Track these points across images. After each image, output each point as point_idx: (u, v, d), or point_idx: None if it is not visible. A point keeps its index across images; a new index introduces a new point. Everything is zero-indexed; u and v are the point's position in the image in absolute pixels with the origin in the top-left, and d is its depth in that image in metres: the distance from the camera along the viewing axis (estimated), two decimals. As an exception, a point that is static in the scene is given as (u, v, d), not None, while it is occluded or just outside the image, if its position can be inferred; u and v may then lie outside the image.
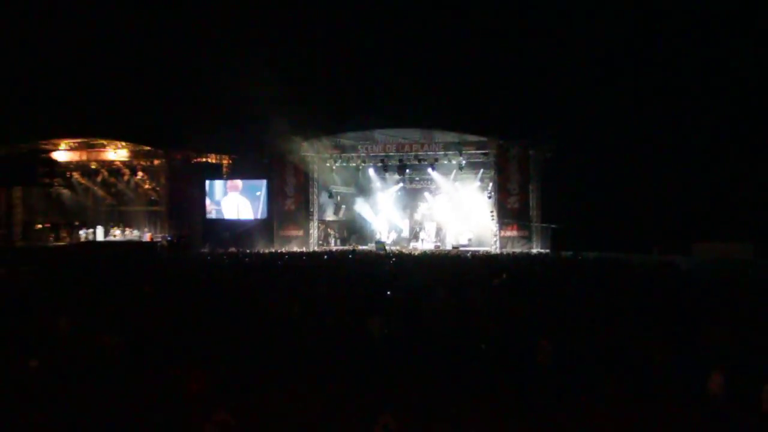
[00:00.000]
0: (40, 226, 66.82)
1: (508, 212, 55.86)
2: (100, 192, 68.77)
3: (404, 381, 15.99)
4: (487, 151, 56.79)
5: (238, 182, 63.47)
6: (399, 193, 63.36)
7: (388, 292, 27.46)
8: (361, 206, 65.06)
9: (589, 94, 62.39)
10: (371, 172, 62.17)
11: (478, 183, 60.27)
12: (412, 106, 58.95)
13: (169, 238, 60.28)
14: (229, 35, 73.07)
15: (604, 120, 59.56)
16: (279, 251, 55.46)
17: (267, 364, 17.78)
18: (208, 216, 63.41)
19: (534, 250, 54.56)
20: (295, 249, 57.22)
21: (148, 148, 63.65)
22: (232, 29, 76.26)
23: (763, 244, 50.65)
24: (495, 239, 56.50)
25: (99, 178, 67.58)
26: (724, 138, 59.46)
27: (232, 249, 55.83)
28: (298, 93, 63.46)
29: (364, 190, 64.06)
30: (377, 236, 61.33)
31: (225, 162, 64.66)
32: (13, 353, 16.82)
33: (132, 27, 79.11)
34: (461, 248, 56.46)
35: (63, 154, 64.37)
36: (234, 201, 63.61)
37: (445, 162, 58.36)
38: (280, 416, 14.30)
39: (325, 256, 49.24)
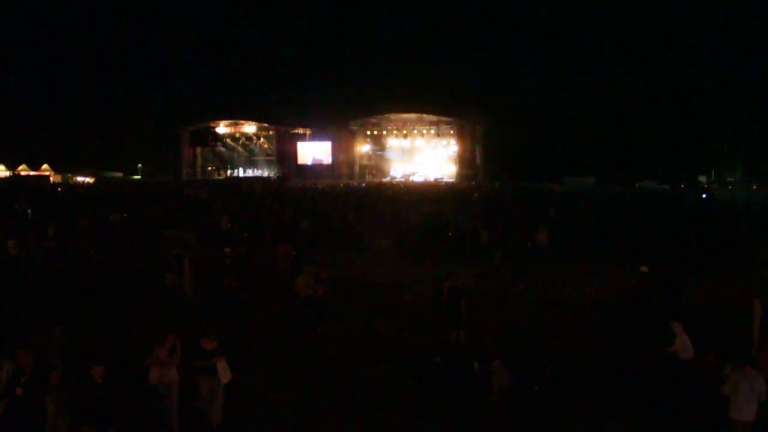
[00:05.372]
0: (210, 168, 77.60)
1: (464, 160, 67.21)
2: (241, 149, 78.46)
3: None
4: (453, 127, 67.91)
5: (315, 143, 73.34)
6: (403, 149, 72.10)
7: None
8: (384, 157, 73.69)
9: (504, 97, 73.36)
10: (389, 137, 71.65)
11: (447, 144, 70.01)
12: (413, 100, 68.27)
13: (278, 175, 69.46)
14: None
15: (513, 109, 68.52)
16: (339, 182, 63.05)
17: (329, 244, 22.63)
18: (299, 162, 73.26)
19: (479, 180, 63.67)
20: (345, 180, 65.56)
21: (267, 124, 73.89)
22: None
23: (599, 178, 60.63)
24: (457, 175, 67.34)
25: (240, 142, 77.69)
26: (578, 120, 71.64)
27: (312, 181, 63.35)
28: (348, 93, 74.69)
29: (385, 147, 72.69)
30: (392, 173, 70.50)
31: (308, 132, 73.82)
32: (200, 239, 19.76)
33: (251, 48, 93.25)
34: (438, 179, 65.72)
35: (221, 128, 74.55)
36: (312, 153, 73.24)
37: (431, 132, 69.50)
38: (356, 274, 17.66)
39: (363, 184, 58.85)
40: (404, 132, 69.70)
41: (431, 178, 67.88)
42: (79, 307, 13.42)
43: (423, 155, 72.32)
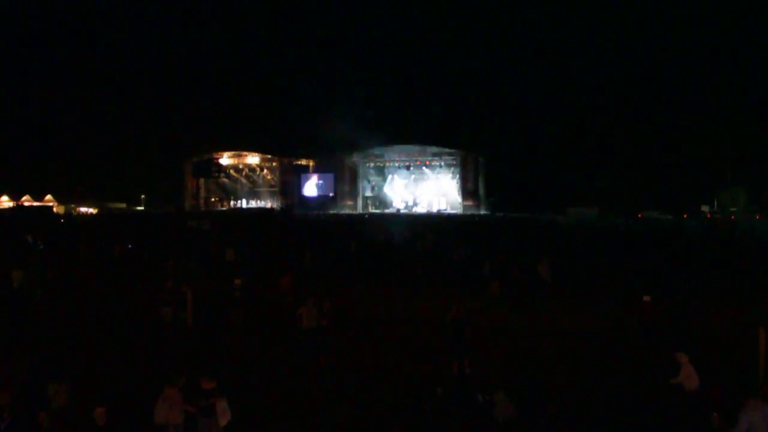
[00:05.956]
0: (213, 199, 77.77)
1: (467, 191, 66.58)
2: (244, 181, 78.72)
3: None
4: (456, 158, 67.61)
5: (318, 175, 73.62)
6: (406, 181, 71.68)
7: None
8: (385, 189, 73.19)
9: (506, 128, 75.50)
10: (392, 168, 71.64)
11: (450, 176, 69.49)
12: (415, 132, 71.01)
13: (281, 206, 70.05)
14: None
15: (516, 140, 70.70)
16: (340, 212, 65.62)
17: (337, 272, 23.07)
18: (302, 194, 73.31)
19: (481, 212, 64.59)
20: (348, 211, 67.42)
21: (270, 156, 74.73)
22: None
23: (602, 208, 59.93)
24: (460, 206, 67.11)
25: (243, 173, 78.16)
26: (581, 152, 72.36)
27: (313, 212, 65.55)
28: (351, 125, 76.28)
29: (386, 179, 72.51)
30: (395, 205, 70.55)
31: (311, 163, 74.47)
32: (204, 271, 22.15)
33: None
34: (440, 211, 66.21)
35: (225, 159, 75.46)
36: (315, 185, 73.60)
37: (434, 163, 69.50)
38: (358, 305, 17.17)
39: (366, 216, 60.08)
40: (407, 163, 70.05)
41: (434, 210, 68.25)
42: (76, 343, 13.36)
43: (425, 187, 72.44)
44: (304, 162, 75.00)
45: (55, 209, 71.36)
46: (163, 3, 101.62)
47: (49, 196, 78.48)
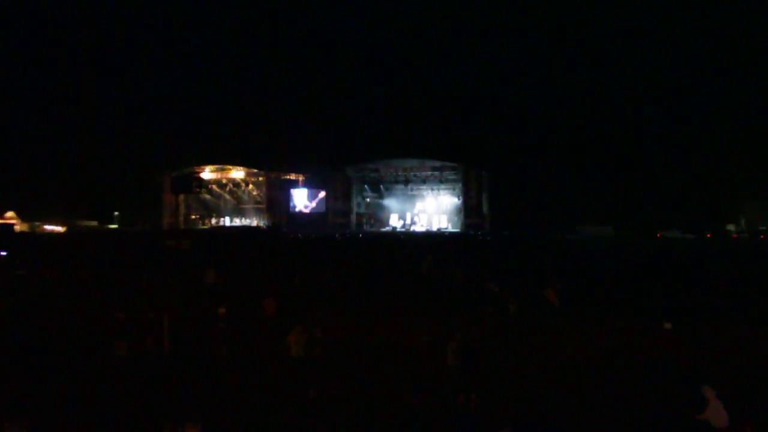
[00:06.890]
0: (193, 216, 77.35)
1: (469, 208, 66.65)
2: (228, 197, 79.45)
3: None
4: (457, 173, 67.68)
5: (308, 191, 73.18)
6: (403, 197, 72.57)
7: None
8: (380, 204, 74.04)
9: (513, 140, 75.74)
10: (388, 183, 72.17)
11: (451, 191, 70.18)
12: (413, 145, 70.44)
13: (267, 224, 69.90)
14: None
15: (518, 157, 67.96)
16: (335, 233, 63.10)
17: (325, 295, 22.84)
18: (291, 210, 72.62)
19: (485, 231, 63.32)
20: (341, 230, 65.47)
21: (256, 170, 74.46)
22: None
23: (618, 226, 59.81)
24: (462, 225, 66.89)
25: (227, 189, 78.60)
26: (594, 166, 72.13)
27: (303, 231, 63.50)
28: (344, 137, 75.24)
29: (382, 195, 73.25)
30: (391, 223, 70.61)
31: (300, 178, 74.33)
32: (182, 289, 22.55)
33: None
34: (441, 230, 66.45)
35: (207, 174, 75.29)
36: (305, 201, 72.75)
37: (433, 178, 69.51)
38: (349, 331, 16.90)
39: (360, 234, 59.71)
40: (405, 178, 70.23)
41: (434, 228, 68.29)
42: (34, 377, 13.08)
43: (425, 204, 72.75)
44: (293, 177, 75.02)
45: (17, 227, 70.82)
46: (140, 10, 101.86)
47: (10, 213, 77.91)
